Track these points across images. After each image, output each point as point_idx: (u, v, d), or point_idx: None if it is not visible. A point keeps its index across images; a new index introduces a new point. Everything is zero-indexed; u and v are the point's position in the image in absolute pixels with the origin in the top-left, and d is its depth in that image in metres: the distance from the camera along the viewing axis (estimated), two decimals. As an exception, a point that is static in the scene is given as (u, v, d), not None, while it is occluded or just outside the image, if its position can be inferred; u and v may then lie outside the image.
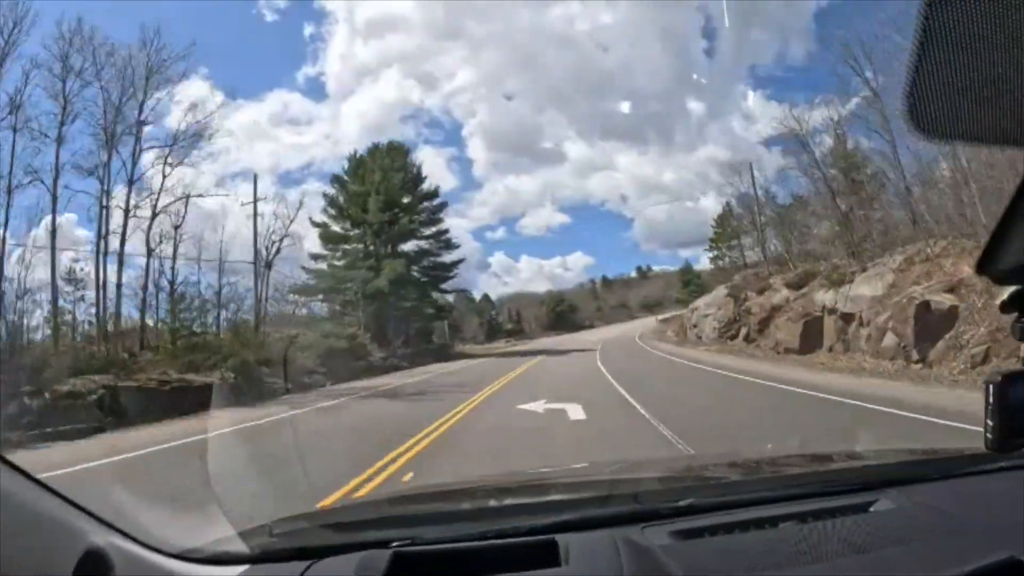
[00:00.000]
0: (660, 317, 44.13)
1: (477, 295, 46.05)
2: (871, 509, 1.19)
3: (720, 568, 1.00)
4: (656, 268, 56.96)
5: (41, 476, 0.87)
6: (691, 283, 40.62)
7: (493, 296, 48.67)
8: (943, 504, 1.15)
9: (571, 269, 54.91)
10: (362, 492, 4.78)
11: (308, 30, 50.28)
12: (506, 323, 49.93)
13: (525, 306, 51.57)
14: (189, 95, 21.03)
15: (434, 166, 51.30)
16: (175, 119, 20.04)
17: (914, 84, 0.67)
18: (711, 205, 50.25)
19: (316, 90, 61.20)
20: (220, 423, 7.45)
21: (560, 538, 1.09)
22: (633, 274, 58.60)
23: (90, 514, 0.86)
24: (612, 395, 10.58)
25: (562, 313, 52.82)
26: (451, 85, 60.77)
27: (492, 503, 1.55)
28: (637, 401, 9.16)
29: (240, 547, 1.14)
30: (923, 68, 0.64)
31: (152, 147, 19.10)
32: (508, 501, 1.54)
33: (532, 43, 52.09)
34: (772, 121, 24.77)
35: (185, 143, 19.64)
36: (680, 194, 54.22)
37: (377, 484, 5.05)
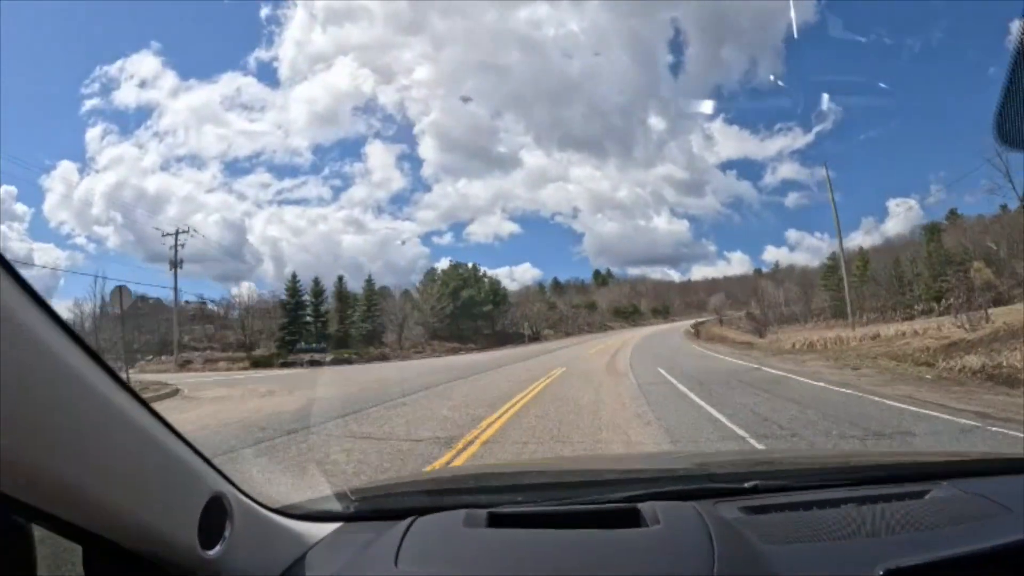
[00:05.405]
0: (696, 320, 31.86)
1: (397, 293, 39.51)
2: (926, 497, 1.29)
3: (790, 537, 1.07)
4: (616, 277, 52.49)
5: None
6: None
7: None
8: (996, 496, 1.21)
9: (518, 280, 52.83)
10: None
11: (264, 11, 45.60)
12: (348, 323, 32.94)
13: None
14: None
15: (383, 163, 46.54)
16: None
17: (1005, 102, 0.82)
18: (664, 225, 50.78)
19: (268, 75, 55.01)
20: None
21: (642, 506, 1.14)
22: (588, 280, 54.02)
23: (212, 465, 0.91)
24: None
25: (471, 304, 36.82)
26: (407, 80, 57.61)
27: (574, 478, 1.61)
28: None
29: (335, 506, 1.23)
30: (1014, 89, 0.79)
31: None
32: (589, 477, 1.60)
33: (495, 44, 50.74)
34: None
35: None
36: (633, 211, 54.19)
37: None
